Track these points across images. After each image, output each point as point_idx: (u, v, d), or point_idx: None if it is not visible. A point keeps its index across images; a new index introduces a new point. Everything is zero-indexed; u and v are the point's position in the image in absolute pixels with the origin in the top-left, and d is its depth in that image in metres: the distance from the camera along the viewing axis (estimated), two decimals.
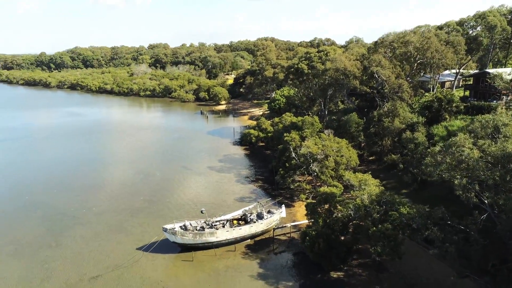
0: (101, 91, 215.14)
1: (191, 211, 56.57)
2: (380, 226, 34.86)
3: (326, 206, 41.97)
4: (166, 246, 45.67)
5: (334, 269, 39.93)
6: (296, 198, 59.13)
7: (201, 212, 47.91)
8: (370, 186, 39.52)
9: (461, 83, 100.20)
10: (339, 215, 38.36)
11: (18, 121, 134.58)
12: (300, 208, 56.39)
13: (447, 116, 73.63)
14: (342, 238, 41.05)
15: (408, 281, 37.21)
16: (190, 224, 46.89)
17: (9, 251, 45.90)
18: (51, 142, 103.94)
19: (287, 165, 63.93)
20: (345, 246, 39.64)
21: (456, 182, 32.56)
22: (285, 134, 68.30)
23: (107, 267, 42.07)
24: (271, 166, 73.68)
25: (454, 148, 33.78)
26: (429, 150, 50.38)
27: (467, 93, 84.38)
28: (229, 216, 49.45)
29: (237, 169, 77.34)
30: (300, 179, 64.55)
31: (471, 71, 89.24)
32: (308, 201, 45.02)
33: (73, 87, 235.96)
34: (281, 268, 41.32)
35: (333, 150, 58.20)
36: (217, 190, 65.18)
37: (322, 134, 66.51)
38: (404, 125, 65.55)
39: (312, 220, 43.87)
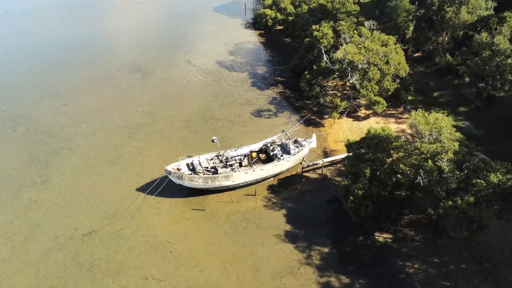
0: None
1: (199, 130, 47.17)
2: (459, 201, 25.40)
3: (377, 154, 31.87)
4: (172, 186, 37.35)
5: (379, 230, 32.30)
6: (326, 116, 48.15)
7: (212, 141, 38.12)
8: (444, 134, 28.54)
9: None
10: (399, 176, 28.66)
11: None
12: (331, 129, 46.40)
13: None
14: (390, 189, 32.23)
15: (476, 254, 29.70)
16: (199, 163, 37.71)
17: None
18: (34, 20, 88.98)
19: (314, 66, 51.25)
20: (397, 205, 31.09)
21: None
22: (313, 27, 53.48)
23: (103, 219, 34.85)
24: (293, 63, 60.80)
25: None
26: None
27: None
28: (246, 150, 39.91)
29: (251, 65, 64.52)
30: (329, 84, 52.32)
31: None
32: (350, 139, 34.66)
33: None
34: (313, 225, 33.65)
35: (378, 56, 44.83)
36: (229, 100, 54.09)
37: (362, 28, 51.54)
38: (473, 16, 49.95)
39: (351, 153, 34.40)
